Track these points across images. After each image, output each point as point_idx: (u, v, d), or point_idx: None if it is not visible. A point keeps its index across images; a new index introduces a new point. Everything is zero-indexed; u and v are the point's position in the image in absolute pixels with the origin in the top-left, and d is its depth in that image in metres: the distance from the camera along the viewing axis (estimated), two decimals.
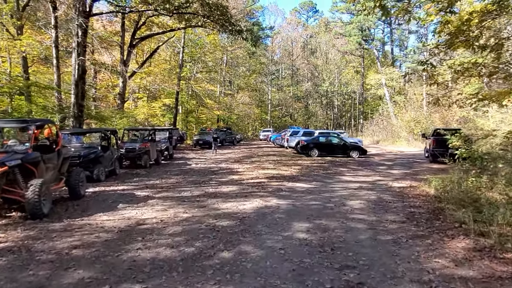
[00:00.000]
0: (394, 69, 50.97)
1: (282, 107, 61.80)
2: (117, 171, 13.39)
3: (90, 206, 7.66)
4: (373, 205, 8.01)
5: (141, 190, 9.70)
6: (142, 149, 15.67)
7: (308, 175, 13.14)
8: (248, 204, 7.85)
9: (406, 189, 10.26)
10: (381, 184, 11.34)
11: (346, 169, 15.28)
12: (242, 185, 10.59)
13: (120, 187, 10.35)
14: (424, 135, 21.43)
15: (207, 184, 10.94)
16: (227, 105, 43.79)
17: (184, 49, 32.74)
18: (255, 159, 19.52)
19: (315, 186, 10.68)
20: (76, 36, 15.45)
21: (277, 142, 32.18)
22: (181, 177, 12.50)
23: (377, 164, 17.70)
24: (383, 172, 14.66)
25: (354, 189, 10.17)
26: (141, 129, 17.72)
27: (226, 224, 6.17)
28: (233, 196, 8.81)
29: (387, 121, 44.95)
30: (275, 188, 10.04)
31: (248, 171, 14.13)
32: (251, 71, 53.49)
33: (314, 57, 61.08)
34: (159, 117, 34.31)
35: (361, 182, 11.66)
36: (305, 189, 10.01)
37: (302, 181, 11.49)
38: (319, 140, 21.86)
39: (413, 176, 13.13)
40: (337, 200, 8.54)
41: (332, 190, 9.96)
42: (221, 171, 14.43)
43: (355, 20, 50.42)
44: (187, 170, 14.86)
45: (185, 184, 10.97)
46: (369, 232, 5.85)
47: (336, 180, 12.13)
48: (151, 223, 6.23)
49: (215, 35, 35.76)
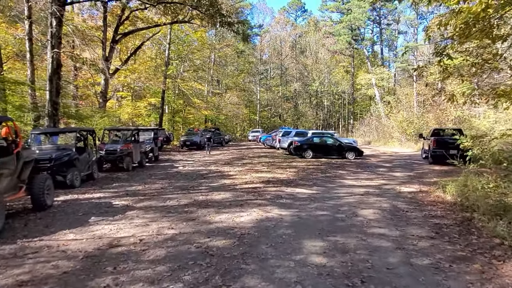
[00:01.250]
0: (384, 69, 50.52)
1: (271, 108, 60.75)
2: (95, 175, 12.04)
3: (55, 220, 6.36)
4: (389, 215, 6.93)
5: (120, 198, 8.41)
6: (124, 150, 14.34)
7: (306, 179, 12.02)
8: (245, 216, 6.67)
9: (418, 195, 9.24)
10: (388, 188, 10.30)
11: (345, 172, 14.23)
12: (236, 191, 9.40)
13: (97, 195, 9.03)
14: (421, 135, 20.57)
15: (196, 190, 9.71)
16: (215, 105, 42.47)
17: (170, 46, 31.35)
18: (246, 161, 18.33)
19: (317, 192, 9.56)
20: (50, 26, 14.02)
21: (267, 143, 31.05)
22: (167, 182, 11.23)
23: (375, 166, 16.73)
24: (385, 174, 13.66)
25: (361, 195, 9.09)
26: (123, 129, 16.35)
27: (222, 245, 4.98)
28: (226, 205, 7.61)
29: (379, 122, 44.37)
30: (273, 195, 8.88)
31: (240, 175, 12.94)
32: (239, 71, 52.28)
33: (304, 56, 60.23)
34: (144, 117, 32.82)
35: (366, 186, 10.60)
36: (307, 196, 8.87)
37: (301, 186, 10.36)
38: (313, 141, 20.81)
39: (419, 179, 12.16)
40: (346, 209, 7.43)
41: (337, 197, 8.86)
42: (211, 174, 13.21)
43: (345, 19, 49.73)
44: (173, 173, 13.58)
45: (171, 190, 9.71)
46: (399, 254, 4.74)
47: (338, 184, 11.04)
48: (127, 244, 4.98)
49: (202, 32, 34.48)
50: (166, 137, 27.73)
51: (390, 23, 55.74)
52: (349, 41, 50.70)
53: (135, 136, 15.82)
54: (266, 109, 59.90)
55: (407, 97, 42.85)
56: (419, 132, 34.16)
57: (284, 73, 61.45)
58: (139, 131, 16.34)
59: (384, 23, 55.50)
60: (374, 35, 56.90)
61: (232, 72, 49.97)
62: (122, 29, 25.46)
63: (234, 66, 49.88)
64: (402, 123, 34.99)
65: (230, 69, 48.77)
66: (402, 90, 45.67)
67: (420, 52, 44.30)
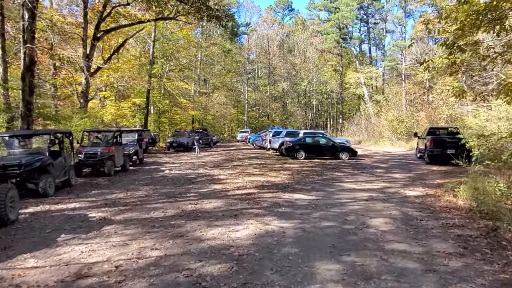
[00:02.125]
0: (373, 68, 50.25)
1: (259, 107, 59.89)
2: (72, 181, 10.98)
3: (16, 240, 5.36)
4: (403, 225, 6.14)
5: (97, 209, 7.42)
6: (105, 153, 13.28)
7: (303, 182, 11.20)
8: (242, 230, 5.78)
9: (427, 199, 8.50)
10: (392, 192, 9.55)
11: (342, 174, 13.46)
12: (228, 198, 8.50)
13: (72, 205, 8.01)
14: (416, 134, 20.02)
15: (184, 197, 8.77)
16: (203, 105, 41.37)
17: (155, 44, 30.17)
18: (236, 163, 17.43)
19: (318, 197, 8.73)
20: (22, 19, 12.87)
21: (257, 143, 30.18)
22: (152, 188, 10.25)
23: (372, 167, 16.03)
24: (384, 176, 12.93)
25: (365, 201, 8.30)
26: (104, 131, 15.23)
27: (217, 271, 4.08)
28: (219, 216, 6.71)
29: (368, 121, 43.99)
30: (270, 202, 8.01)
31: (231, 178, 12.03)
32: (227, 70, 51.29)
33: (292, 55, 59.57)
34: (129, 118, 31.57)
35: (368, 190, 9.83)
36: (307, 203, 8.03)
37: (299, 191, 9.52)
38: (306, 141, 20.03)
39: (422, 181, 11.47)
40: (354, 218, 6.63)
41: (340, 203, 8.04)
42: (200, 178, 12.26)
43: (333, 18, 49.25)
44: (159, 178, 12.59)
45: (156, 198, 8.75)
46: (433, 279, 3.93)
47: (338, 188, 10.25)
48: (100, 273, 4.04)
49: (188, 30, 33.37)
50: (152, 139, 26.58)
51: (377, 21, 55.62)
52: (337, 40, 50.28)
53: (117, 138, 14.76)
54: (254, 109, 59.03)
55: (396, 95, 42.62)
56: (409, 131, 34.08)
57: (272, 73, 60.70)
58: (121, 132, 15.26)
59: (371, 22, 55.34)
60: (361, 34, 56.71)
61: (220, 72, 48.88)
62: (103, 26, 24.27)
63: (221, 66, 48.82)
64: (392, 122, 34.58)
65: (217, 68, 47.68)
66: (391, 89, 45.46)
67: (408, 51, 44.15)
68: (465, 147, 16.42)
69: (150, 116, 33.31)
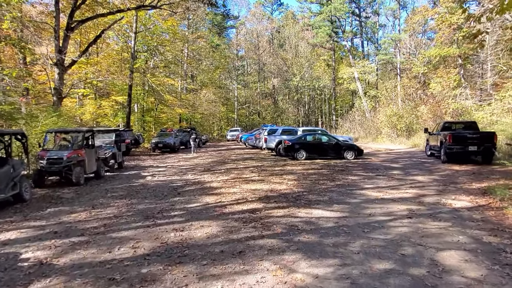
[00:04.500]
0: (367, 62, 48.48)
1: (249, 105, 57.70)
2: (26, 195, 8.62)
3: None
4: (494, 265, 4.07)
5: (39, 244, 5.15)
6: (72, 158, 10.94)
7: (316, 191, 9.07)
8: (255, 286, 3.61)
9: (487, 214, 6.46)
10: (432, 203, 7.49)
11: (357, 178, 11.36)
12: (226, 219, 6.31)
13: (7, 235, 5.72)
14: (426, 130, 18.10)
15: (166, 217, 6.55)
16: (190, 103, 38.96)
17: (137, 37, 27.67)
18: (230, 166, 15.23)
19: (344, 213, 6.61)
20: None
21: (249, 142, 27.97)
22: (126, 203, 7.98)
23: (385, 168, 13.99)
24: (405, 180, 10.87)
25: (408, 218, 6.22)
26: (73, 131, 12.81)
27: None
28: (216, 257, 4.50)
29: (364, 117, 42.19)
30: (285, 225, 5.84)
31: (227, 187, 9.84)
32: (215, 66, 48.93)
33: (283, 50, 57.45)
34: (109, 117, 29.04)
35: (400, 200, 7.76)
36: (335, 223, 5.90)
37: (316, 204, 7.38)
38: (307, 140, 17.92)
39: (456, 186, 9.46)
40: (413, 252, 4.53)
41: (378, 223, 5.93)
42: (188, 187, 10.04)
43: (325, 10, 47.25)
44: (138, 187, 10.31)
45: (129, 219, 6.50)
46: None
47: (362, 198, 8.14)
48: None
49: (173, 21, 30.91)
50: (135, 139, 24.18)
51: (368, 15, 53.88)
52: (329, 34, 48.33)
53: (90, 139, 12.41)
54: (244, 106, 56.82)
55: (393, 90, 40.95)
56: (409, 127, 32.43)
57: (262, 69, 58.56)
58: (94, 132, 12.88)
59: (363, 16, 53.55)
60: (353, 28, 54.86)
61: (208, 68, 46.41)
62: (78, 15, 21.83)
63: (209, 61, 46.40)
64: (391, 117, 32.76)
65: (205, 64, 45.23)
66: (386, 84, 43.77)
67: (402, 44, 42.57)
68: (491, 143, 14.70)
69: (134, 114, 30.82)
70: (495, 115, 23.68)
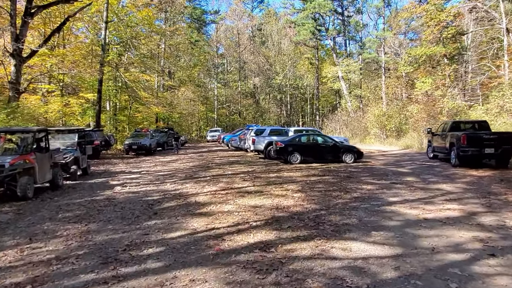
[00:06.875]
0: (351, 61, 47.17)
1: (229, 104, 55.48)
2: None
3: None
4: None
5: None
6: (17, 165, 8.52)
7: (332, 207, 7.06)
8: None
9: None
10: (493, 226, 5.64)
11: (372, 187, 9.43)
12: (228, 267, 4.18)
13: None
14: (430, 130, 16.55)
15: (135, 261, 4.35)
16: (168, 101, 36.37)
17: (109, 27, 24.99)
18: (216, 172, 13.05)
19: (395, 249, 4.62)
20: None
21: (233, 144, 25.84)
22: (80, 231, 5.71)
23: (393, 173, 12.18)
24: (430, 189, 9.04)
25: (490, 256, 4.32)
26: (19, 131, 10.29)
27: None
28: None
29: (349, 117, 40.76)
30: (323, 278, 3.76)
31: (218, 202, 7.69)
32: (194, 63, 46.44)
33: (265, 47, 55.54)
34: (77, 116, 26.18)
35: (449, 222, 5.88)
36: (396, 271, 3.90)
37: (348, 232, 5.36)
38: (301, 141, 16.00)
39: (497, 198, 7.77)
40: None
41: (460, 270, 3.97)
42: (167, 203, 7.83)
43: (309, 7, 45.62)
44: (102, 202, 8.01)
45: (77, 265, 4.27)
46: None
47: (400, 219, 6.18)
48: None
49: (149, 12, 28.33)
50: (105, 140, 21.59)
51: (351, 14, 52.74)
52: (312, 31, 46.78)
53: (42, 141, 9.99)
54: (225, 106, 54.57)
55: (378, 89, 39.79)
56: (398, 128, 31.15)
57: (242, 67, 56.43)
58: (48, 133, 10.42)
59: (346, 15, 52.33)
60: (336, 27, 53.56)
61: (186, 64, 43.91)
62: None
63: (188, 58, 43.91)
64: (380, 117, 31.37)
65: (183, 60, 42.73)
66: (371, 83, 42.65)
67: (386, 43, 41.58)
68: (510, 145, 13.18)
69: (105, 113, 28.07)
70: (489, 114, 22.61)
